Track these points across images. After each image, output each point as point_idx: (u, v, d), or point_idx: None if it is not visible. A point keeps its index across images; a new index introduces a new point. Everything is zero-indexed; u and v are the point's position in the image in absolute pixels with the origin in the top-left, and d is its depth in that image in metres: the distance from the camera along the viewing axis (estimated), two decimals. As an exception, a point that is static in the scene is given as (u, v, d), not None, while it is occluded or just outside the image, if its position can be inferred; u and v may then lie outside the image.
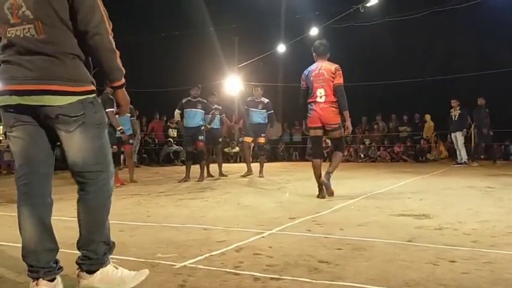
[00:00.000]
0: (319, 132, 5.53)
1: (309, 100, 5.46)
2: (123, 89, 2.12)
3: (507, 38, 16.40)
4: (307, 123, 5.59)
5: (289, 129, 18.19)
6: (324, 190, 5.35)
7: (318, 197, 5.37)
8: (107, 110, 7.18)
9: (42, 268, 2.00)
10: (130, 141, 7.97)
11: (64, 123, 1.96)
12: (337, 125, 5.42)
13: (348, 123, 5.45)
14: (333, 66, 5.40)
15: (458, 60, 18.25)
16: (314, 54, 5.64)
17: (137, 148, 13.60)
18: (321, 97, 5.34)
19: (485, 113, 12.11)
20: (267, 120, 9.08)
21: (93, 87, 2.04)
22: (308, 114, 5.50)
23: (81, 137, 1.98)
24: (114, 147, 7.32)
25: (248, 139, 9.26)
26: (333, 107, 5.34)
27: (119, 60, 2.03)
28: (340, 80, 5.31)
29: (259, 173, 8.93)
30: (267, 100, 9.14)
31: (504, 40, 16.49)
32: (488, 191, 5.87)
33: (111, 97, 7.27)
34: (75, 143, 1.99)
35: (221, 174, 9.27)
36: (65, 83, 1.93)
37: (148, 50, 18.07)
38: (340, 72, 5.35)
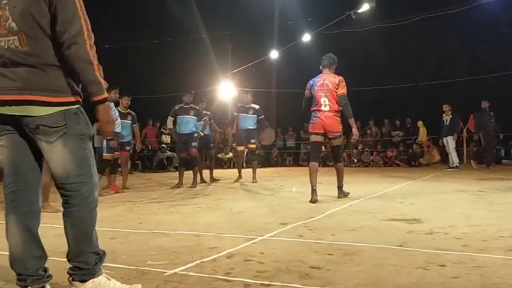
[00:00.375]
0: (320, 139, 5.79)
1: (314, 108, 5.73)
2: (105, 105, 2.03)
3: (498, 43, 16.57)
4: (309, 128, 5.89)
5: (282, 134, 18.23)
6: (316, 195, 5.52)
7: (310, 201, 5.43)
8: None
9: (30, 276, 1.99)
10: (127, 148, 7.98)
11: (45, 133, 1.95)
12: (338, 134, 5.73)
13: (355, 129, 5.86)
14: (336, 79, 5.69)
15: (450, 66, 18.40)
16: (321, 66, 5.93)
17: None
18: (325, 106, 5.62)
19: (489, 116, 11.99)
20: (257, 126, 9.15)
21: (77, 98, 2.02)
22: (311, 121, 5.77)
23: (62, 148, 1.97)
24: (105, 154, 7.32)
25: (240, 147, 9.37)
26: (336, 116, 5.65)
27: (97, 73, 1.98)
28: (343, 90, 5.62)
29: (253, 179, 8.95)
30: (257, 106, 9.22)
31: (495, 45, 16.67)
32: (480, 195, 5.90)
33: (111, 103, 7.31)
34: (57, 154, 1.98)
35: (212, 179, 9.31)
36: (47, 93, 1.93)
37: (141, 57, 18.04)
38: (344, 83, 5.65)
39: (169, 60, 18.05)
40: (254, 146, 9.24)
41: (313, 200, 5.40)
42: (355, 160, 15.98)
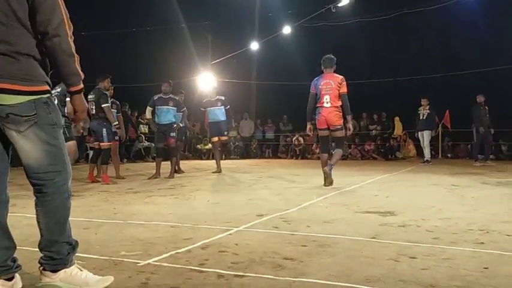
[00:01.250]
0: (326, 133, 6.52)
1: (317, 105, 6.42)
2: (81, 94, 2.07)
3: (475, 39, 16.88)
4: (316, 125, 6.59)
5: (262, 126, 18.26)
6: (325, 179, 6.28)
7: (324, 185, 6.25)
8: (102, 106, 7.12)
9: None
10: (116, 137, 7.95)
11: (15, 123, 1.91)
12: (339, 126, 6.37)
13: (349, 124, 6.49)
14: (339, 78, 6.35)
15: (427, 61, 18.69)
16: (322, 67, 6.55)
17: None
18: (327, 102, 6.30)
19: (485, 111, 11.59)
20: (226, 117, 9.47)
21: (47, 88, 1.98)
22: (316, 118, 6.49)
23: (34, 137, 1.93)
24: (96, 143, 7.52)
25: (215, 138, 9.56)
26: (337, 111, 6.32)
27: (77, 65, 1.98)
28: (345, 89, 6.31)
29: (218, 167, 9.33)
30: (224, 96, 9.57)
31: (472, 41, 16.98)
32: (453, 189, 6.03)
33: (105, 92, 7.23)
34: (28, 144, 1.94)
35: (179, 171, 9.14)
36: (17, 82, 1.88)
37: (119, 45, 17.75)
38: (345, 83, 6.33)
39: (148, 50, 17.82)
40: (226, 138, 9.77)
41: (328, 184, 6.22)
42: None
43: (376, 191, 5.80)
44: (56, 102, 4.52)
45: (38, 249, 2.07)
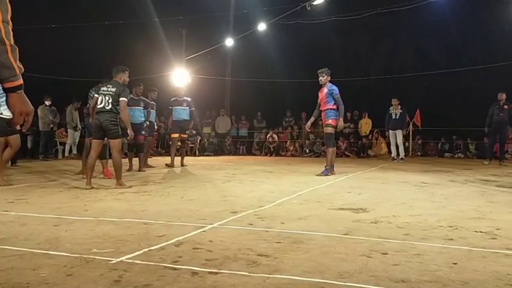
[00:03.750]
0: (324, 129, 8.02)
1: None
2: (19, 93, 1.71)
3: (445, 40, 17.29)
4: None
5: (236, 123, 18.23)
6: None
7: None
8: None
9: None
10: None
11: None
12: (328, 123, 7.83)
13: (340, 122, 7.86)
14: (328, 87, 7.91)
15: (400, 61, 19.03)
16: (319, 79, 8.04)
17: (77, 140, 13.17)
18: (322, 106, 7.98)
19: (498, 110, 11.17)
20: (190, 117, 10.09)
21: None
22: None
23: None
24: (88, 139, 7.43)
25: (175, 135, 10.11)
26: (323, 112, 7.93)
27: (11, 55, 1.65)
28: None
29: (182, 164, 10.00)
30: (189, 98, 10.15)
31: (442, 42, 17.38)
32: (423, 187, 6.17)
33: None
34: None
35: (146, 165, 9.65)
36: None
37: (90, 38, 17.32)
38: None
39: (119, 44, 17.45)
40: (186, 136, 10.55)
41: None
42: (307, 150, 16.28)
43: (348, 188, 5.88)
44: None
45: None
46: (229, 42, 16.74)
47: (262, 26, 15.09)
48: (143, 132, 9.03)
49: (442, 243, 2.86)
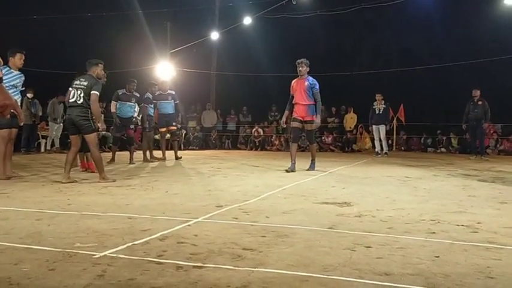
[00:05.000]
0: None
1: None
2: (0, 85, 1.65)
3: (428, 35, 17.46)
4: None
5: (222, 117, 18.17)
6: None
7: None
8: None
9: None
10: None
11: None
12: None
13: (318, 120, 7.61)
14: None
15: (384, 56, 19.17)
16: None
17: (59, 133, 13.00)
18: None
19: (473, 106, 11.41)
20: (175, 110, 10.20)
21: None
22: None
23: None
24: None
25: (163, 129, 10.23)
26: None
27: None
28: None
29: (176, 158, 10.02)
30: (174, 91, 10.25)
31: (425, 38, 17.55)
32: (406, 181, 6.24)
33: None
34: None
35: (153, 157, 9.82)
36: None
37: (73, 30, 17.02)
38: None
39: (103, 36, 17.20)
40: (175, 127, 10.48)
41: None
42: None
43: (333, 182, 5.92)
44: None
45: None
46: (214, 35, 16.65)
47: (247, 20, 15.04)
48: (132, 126, 9.21)
49: (425, 237, 2.90)
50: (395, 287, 2.01)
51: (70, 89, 6.11)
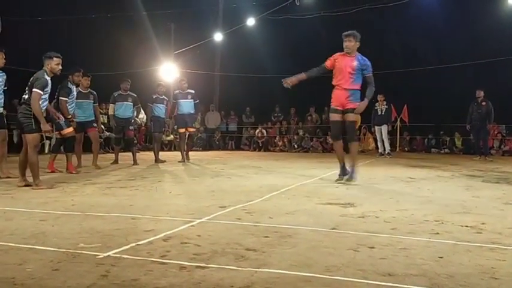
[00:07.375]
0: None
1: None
2: None
3: (432, 36, 17.40)
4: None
5: (225, 118, 18.18)
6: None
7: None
8: (60, 98, 6.95)
9: None
10: (94, 124, 8.15)
11: None
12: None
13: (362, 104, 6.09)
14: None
15: (387, 57, 19.10)
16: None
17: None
18: None
19: (477, 107, 11.39)
20: (195, 110, 9.92)
21: None
22: None
23: None
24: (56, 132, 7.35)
25: (182, 130, 9.87)
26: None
27: None
28: None
29: (187, 159, 9.87)
30: (193, 90, 9.88)
31: (429, 38, 17.49)
32: (409, 181, 6.23)
33: (69, 86, 7.03)
34: None
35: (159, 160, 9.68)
36: None
37: (77, 32, 17.08)
38: None
39: (107, 38, 17.25)
40: (193, 130, 10.25)
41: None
42: (296, 146, 16.32)
43: (336, 183, 5.90)
44: None
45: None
46: (218, 37, 16.67)
47: (251, 21, 15.06)
48: (131, 127, 9.17)
49: (428, 238, 2.89)
50: (399, 287, 2.00)
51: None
